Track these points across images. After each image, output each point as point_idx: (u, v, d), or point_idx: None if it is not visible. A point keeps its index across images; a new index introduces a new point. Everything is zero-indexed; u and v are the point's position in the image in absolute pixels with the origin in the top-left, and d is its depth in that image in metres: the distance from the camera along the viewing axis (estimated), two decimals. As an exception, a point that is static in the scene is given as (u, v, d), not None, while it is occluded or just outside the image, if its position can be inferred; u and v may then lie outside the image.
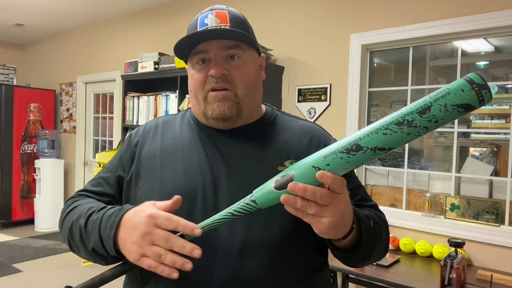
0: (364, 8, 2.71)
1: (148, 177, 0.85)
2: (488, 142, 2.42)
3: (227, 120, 0.82)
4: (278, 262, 0.78)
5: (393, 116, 0.58)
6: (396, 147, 0.59)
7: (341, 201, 0.63)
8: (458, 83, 0.55)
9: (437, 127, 0.57)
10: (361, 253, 0.77)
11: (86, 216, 0.77)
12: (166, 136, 0.90)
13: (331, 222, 0.63)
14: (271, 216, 0.77)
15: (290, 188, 0.61)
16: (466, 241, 2.13)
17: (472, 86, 0.54)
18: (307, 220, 0.64)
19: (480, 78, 0.54)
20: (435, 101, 0.56)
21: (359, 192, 0.89)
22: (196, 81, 0.83)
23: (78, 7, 4.33)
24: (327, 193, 0.61)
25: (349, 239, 0.72)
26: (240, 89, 0.82)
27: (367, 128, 0.60)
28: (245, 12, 0.92)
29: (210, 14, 0.82)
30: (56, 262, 3.91)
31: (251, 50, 0.86)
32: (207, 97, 0.82)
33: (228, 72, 0.81)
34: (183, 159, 0.85)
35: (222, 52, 0.81)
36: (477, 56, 2.47)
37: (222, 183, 0.81)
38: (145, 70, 3.53)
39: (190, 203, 0.80)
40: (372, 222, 0.78)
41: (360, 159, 0.60)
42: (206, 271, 0.76)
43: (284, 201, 0.62)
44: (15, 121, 5.11)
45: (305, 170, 0.63)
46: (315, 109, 2.93)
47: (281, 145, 0.86)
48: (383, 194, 2.75)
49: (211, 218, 0.70)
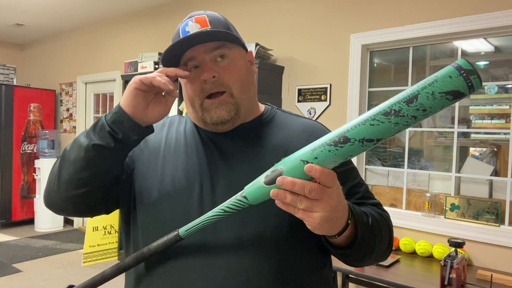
0: (364, 8, 2.71)
1: (149, 170, 0.86)
2: (488, 142, 2.42)
3: (226, 123, 0.83)
4: (276, 260, 0.78)
5: (380, 107, 0.57)
6: (384, 138, 0.58)
7: (332, 196, 0.62)
8: (445, 70, 0.54)
9: (426, 116, 0.56)
10: (359, 251, 0.75)
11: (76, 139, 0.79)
12: (170, 131, 0.91)
13: (323, 217, 0.62)
14: (267, 213, 0.77)
15: (279, 183, 0.61)
16: (466, 241, 2.13)
17: (460, 72, 0.53)
18: (299, 215, 0.63)
19: (468, 64, 0.53)
20: (422, 89, 0.55)
21: (360, 190, 0.88)
22: (191, 88, 0.83)
23: (78, 7, 4.33)
24: (317, 187, 0.60)
25: (345, 235, 0.71)
26: (235, 88, 0.82)
27: (355, 120, 0.59)
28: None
29: (189, 21, 0.83)
30: (56, 262, 3.91)
31: (237, 48, 0.86)
32: (203, 103, 0.82)
33: (218, 74, 0.81)
34: (183, 156, 0.86)
35: (208, 55, 0.81)
36: (477, 56, 2.47)
37: (219, 181, 0.81)
38: (145, 70, 3.53)
39: (187, 199, 0.80)
40: (370, 219, 0.77)
41: (348, 151, 0.59)
42: (202, 270, 0.76)
43: (274, 195, 0.61)
44: (15, 121, 5.11)
45: (294, 164, 0.62)
46: (315, 109, 2.93)
47: (279, 142, 0.86)
48: (383, 194, 2.75)
49: (204, 215, 0.70)
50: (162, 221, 0.81)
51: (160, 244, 0.74)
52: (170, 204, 0.81)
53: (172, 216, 0.80)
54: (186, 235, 0.72)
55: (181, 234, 0.72)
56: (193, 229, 0.72)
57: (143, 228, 0.83)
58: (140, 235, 0.84)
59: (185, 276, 0.76)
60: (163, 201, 0.82)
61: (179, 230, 0.73)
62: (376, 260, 0.85)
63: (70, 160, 0.77)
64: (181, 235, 0.72)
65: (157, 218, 0.81)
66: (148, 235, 0.81)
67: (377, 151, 2.82)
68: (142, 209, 0.84)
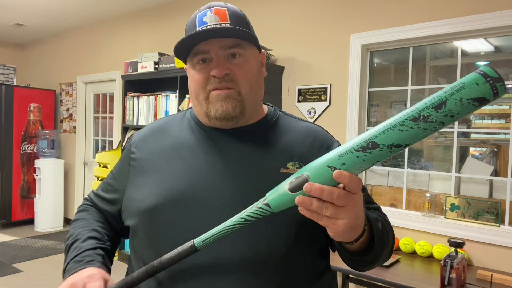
0: (364, 8, 2.71)
1: (146, 180, 0.84)
2: (488, 142, 2.42)
3: (231, 119, 0.81)
4: (285, 271, 0.77)
5: (408, 112, 0.57)
6: (412, 143, 0.58)
7: (357, 202, 0.62)
8: (472, 76, 0.55)
9: (452, 121, 0.57)
10: (372, 256, 0.75)
11: (69, 244, 0.87)
12: (164, 139, 0.89)
13: (347, 224, 0.61)
14: (275, 230, 0.76)
15: (306, 189, 0.59)
16: (466, 241, 2.13)
17: (487, 79, 0.54)
18: (322, 222, 0.61)
19: (493, 71, 0.54)
20: (450, 96, 0.55)
21: (363, 195, 0.88)
22: (197, 81, 0.81)
23: (78, 7, 4.33)
24: (344, 193, 0.59)
25: (360, 241, 0.70)
26: (243, 88, 0.80)
27: (382, 125, 0.59)
28: (245, 12, 0.91)
29: (209, 12, 0.80)
30: (56, 262, 3.91)
31: (252, 47, 0.84)
32: (209, 96, 0.80)
33: (230, 71, 0.79)
34: (182, 161, 0.83)
35: (223, 51, 0.79)
36: (477, 56, 2.47)
37: (223, 185, 0.79)
38: (145, 70, 3.53)
39: (189, 205, 0.78)
40: (380, 225, 0.77)
41: (376, 157, 0.59)
42: (211, 286, 0.74)
43: (299, 202, 0.60)
44: (15, 121, 5.11)
45: (321, 170, 0.61)
46: (315, 109, 2.93)
47: (284, 146, 0.84)
48: (383, 194, 2.75)
49: (222, 224, 0.67)
50: (165, 230, 0.79)
51: (173, 256, 0.69)
52: (173, 212, 0.79)
53: (176, 224, 0.78)
54: (203, 246, 0.68)
55: (197, 245, 0.68)
56: (211, 239, 0.68)
57: (149, 238, 0.81)
58: (144, 246, 0.82)
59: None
60: (165, 209, 0.79)
61: (194, 241, 0.68)
62: (380, 264, 0.85)
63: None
64: (197, 246, 0.68)
65: (161, 227, 0.79)
66: (154, 245, 0.80)
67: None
68: (144, 219, 0.82)
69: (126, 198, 0.88)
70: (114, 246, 0.93)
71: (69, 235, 0.89)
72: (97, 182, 3.85)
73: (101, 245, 0.85)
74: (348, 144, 0.61)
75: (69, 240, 0.87)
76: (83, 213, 0.96)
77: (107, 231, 0.92)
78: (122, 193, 0.90)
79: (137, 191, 0.85)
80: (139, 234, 0.83)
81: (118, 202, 0.92)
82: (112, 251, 0.91)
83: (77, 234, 0.87)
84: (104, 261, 0.81)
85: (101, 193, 0.97)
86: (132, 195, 0.86)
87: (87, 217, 0.94)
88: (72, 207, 5.32)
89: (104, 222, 0.94)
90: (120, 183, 0.92)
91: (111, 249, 0.90)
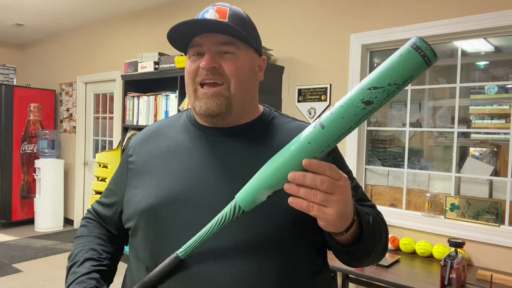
0: (364, 8, 2.71)
1: (143, 182, 0.86)
2: (488, 142, 2.42)
3: (215, 116, 0.82)
4: (278, 265, 0.77)
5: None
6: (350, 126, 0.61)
7: (344, 189, 0.63)
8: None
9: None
10: (363, 248, 0.76)
11: (68, 266, 0.90)
12: (161, 141, 0.90)
13: (337, 211, 0.63)
14: (269, 216, 0.77)
15: (290, 177, 0.62)
16: (466, 241, 2.13)
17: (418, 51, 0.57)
18: (313, 213, 0.63)
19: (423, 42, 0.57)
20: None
21: (357, 193, 0.89)
22: (188, 72, 0.84)
23: (78, 7, 4.33)
24: (327, 178, 0.61)
25: (350, 232, 0.72)
26: (233, 83, 0.81)
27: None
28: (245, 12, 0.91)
29: (211, 9, 0.82)
30: (56, 262, 3.91)
31: (248, 49, 0.84)
32: (197, 90, 0.83)
33: (219, 65, 0.80)
34: (178, 162, 0.85)
35: (216, 47, 0.81)
36: (477, 56, 2.47)
37: (219, 184, 0.80)
38: (145, 70, 3.53)
39: (186, 204, 0.79)
40: (371, 218, 0.78)
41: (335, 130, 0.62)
42: (207, 278, 0.75)
43: (287, 188, 0.63)
44: (15, 121, 5.11)
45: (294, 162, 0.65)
46: (315, 109, 2.93)
47: (278, 145, 0.84)
48: (383, 194, 2.75)
49: (199, 232, 0.72)
50: (163, 229, 0.80)
51: (161, 269, 0.75)
52: (170, 212, 0.80)
53: (173, 224, 0.79)
54: (185, 255, 0.73)
55: (180, 255, 0.73)
56: (192, 248, 0.72)
57: (147, 238, 0.82)
58: (143, 246, 0.83)
59: (190, 285, 0.75)
60: (162, 209, 0.81)
61: (177, 252, 0.73)
62: (374, 260, 0.85)
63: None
64: (180, 256, 0.73)
65: (158, 226, 0.80)
66: (152, 244, 0.81)
67: (377, 151, 2.82)
68: (142, 219, 0.83)
69: (125, 200, 0.90)
70: (115, 261, 0.96)
71: (70, 254, 0.93)
72: (97, 182, 3.84)
73: (96, 268, 0.87)
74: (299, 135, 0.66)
75: (69, 261, 0.91)
76: (84, 229, 0.99)
77: (106, 248, 0.94)
78: (121, 196, 0.92)
79: (135, 192, 0.86)
80: (138, 234, 0.84)
81: (118, 205, 0.94)
82: (111, 268, 0.93)
83: (75, 256, 0.90)
84: (98, 284, 0.84)
85: (103, 200, 1.00)
86: (130, 197, 0.88)
87: (87, 234, 0.97)
88: (72, 207, 5.32)
89: (104, 238, 0.96)
90: (120, 186, 0.94)
91: (109, 267, 0.92)
